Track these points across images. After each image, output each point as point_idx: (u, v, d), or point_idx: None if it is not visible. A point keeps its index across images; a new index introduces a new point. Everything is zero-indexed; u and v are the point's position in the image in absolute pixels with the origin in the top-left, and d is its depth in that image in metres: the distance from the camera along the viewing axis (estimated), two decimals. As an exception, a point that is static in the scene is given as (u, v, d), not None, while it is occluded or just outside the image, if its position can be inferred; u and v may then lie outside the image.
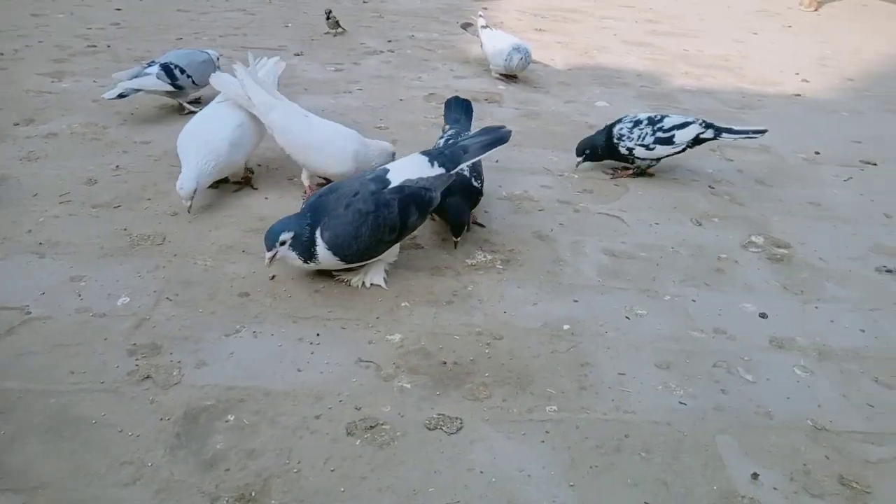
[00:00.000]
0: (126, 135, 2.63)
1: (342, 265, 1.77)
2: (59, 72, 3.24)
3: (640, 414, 1.45)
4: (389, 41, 4.31)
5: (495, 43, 3.64)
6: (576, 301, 1.83)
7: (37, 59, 3.39)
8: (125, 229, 1.99)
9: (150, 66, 2.73)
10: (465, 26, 4.06)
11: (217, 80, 2.28)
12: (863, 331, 1.80)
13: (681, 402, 1.49)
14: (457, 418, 1.41)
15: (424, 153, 1.93)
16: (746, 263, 2.08)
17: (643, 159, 2.58)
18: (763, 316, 1.82)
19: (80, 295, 1.70)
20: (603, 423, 1.42)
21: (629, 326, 1.74)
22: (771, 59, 4.64)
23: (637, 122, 2.55)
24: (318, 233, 1.68)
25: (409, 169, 1.85)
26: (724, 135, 2.55)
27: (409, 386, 1.48)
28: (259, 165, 2.48)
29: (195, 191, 2.00)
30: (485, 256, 2.02)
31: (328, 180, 2.21)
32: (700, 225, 2.30)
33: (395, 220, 1.74)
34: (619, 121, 2.60)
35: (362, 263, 1.80)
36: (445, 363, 1.56)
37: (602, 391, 1.51)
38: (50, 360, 1.48)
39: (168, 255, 1.89)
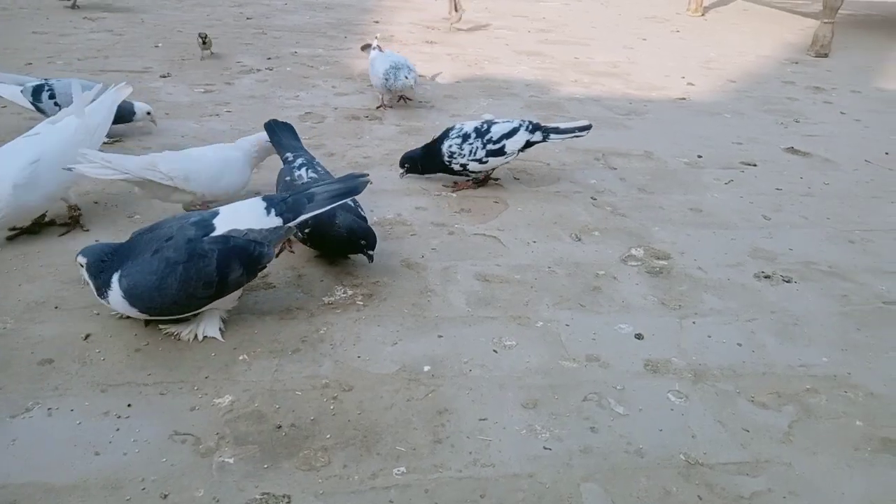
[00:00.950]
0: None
1: (145, 317, 1.53)
2: None
3: (499, 467, 1.29)
4: (269, 58, 4.07)
5: (376, 65, 3.28)
6: (440, 336, 1.66)
7: None
8: None
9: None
10: (365, 48, 3.87)
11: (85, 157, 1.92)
12: (739, 345, 1.72)
13: (545, 448, 1.34)
14: (284, 496, 1.20)
15: (265, 198, 1.70)
16: (625, 279, 1.98)
17: (478, 172, 2.47)
18: (639, 337, 1.71)
19: None
20: (456, 483, 1.25)
21: (496, 361, 1.59)
22: (658, 64, 4.70)
23: (465, 137, 2.41)
24: (114, 277, 1.45)
25: (242, 216, 1.62)
26: (552, 136, 2.48)
27: (231, 461, 1.26)
28: (96, 203, 2.20)
29: None
30: (345, 292, 1.82)
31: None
32: (579, 240, 2.19)
33: (212, 274, 1.51)
34: (446, 136, 2.45)
35: (180, 316, 1.56)
36: (280, 427, 1.35)
37: (459, 443, 1.34)
38: None
39: (-43, 319, 1.59)
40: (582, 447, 1.35)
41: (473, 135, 2.41)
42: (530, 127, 2.44)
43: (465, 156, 2.39)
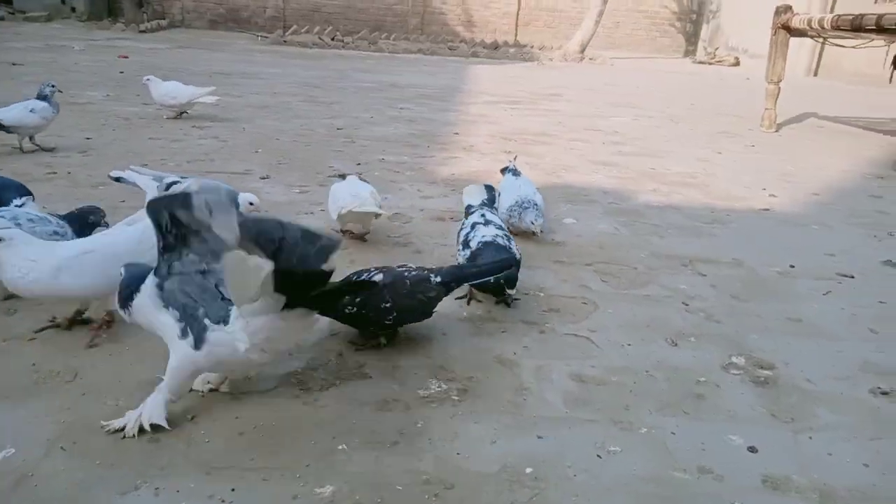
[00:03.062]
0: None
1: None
2: (9, 198, 3.13)
3: (614, 583, 1.20)
4: (358, 164, 4.33)
5: (504, 195, 3.01)
6: (540, 437, 1.61)
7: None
8: (34, 364, 1.77)
9: None
10: (503, 170, 3.44)
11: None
12: (866, 465, 1.58)
13: (664, 565, 1.24)
14: None
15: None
16: (728, 387, 1.89)
17: None
18: (752, 450, 1.61)
19: (-41, 445, 1.45)
20: None
21: (601, 467, 1.51)
22: (736, 176, 4.71)
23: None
24: None
25: None
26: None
27: (334, 554, 1.22)
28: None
29: None
30: (440, 386, 1.81)
31: None
32: (675, 345, 2.13)
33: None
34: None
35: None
36: (382, 521, 1.31)
37: (569, 553, 1.26)
38: None
39: (75, 394, 1.66)
40: (704, 567, 1.24)
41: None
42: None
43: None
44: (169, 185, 2.79)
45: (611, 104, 8.18)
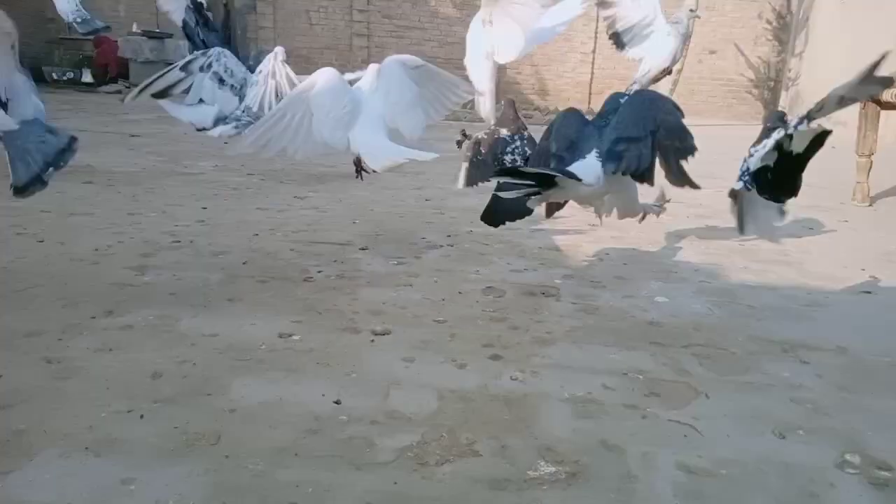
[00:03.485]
0: (196, 326, 2.74)
1: None
2: (143, 266, 3.49)
3: None
4: (448, 236, 4.53)
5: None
6: (652, 527, 1.65)
7: (127, 253, 3.69)
8: (178, 427, 1.97)
9: None
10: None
11: None
12: None
13: None
14: None
15: None
16: (844, 488, 1.86)
17: None
18: (875, 556, 1.58)
19: (127, 500, 1.64)
20: None
21: (717, 563, 1.53)
22: (831, 253, 4.60)
23: None
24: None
25: None
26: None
27: None
28: (319, 363, 2.50)
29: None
30: (548, 468, 1.88)
31: None
32: (784, 438, 2.11)
33: None
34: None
35: None
36: None
37: None
38: (85, 578, 1.39)
39: (220, 456, 1.84)
40: None
41: None
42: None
43: None
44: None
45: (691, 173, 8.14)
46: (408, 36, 18.63)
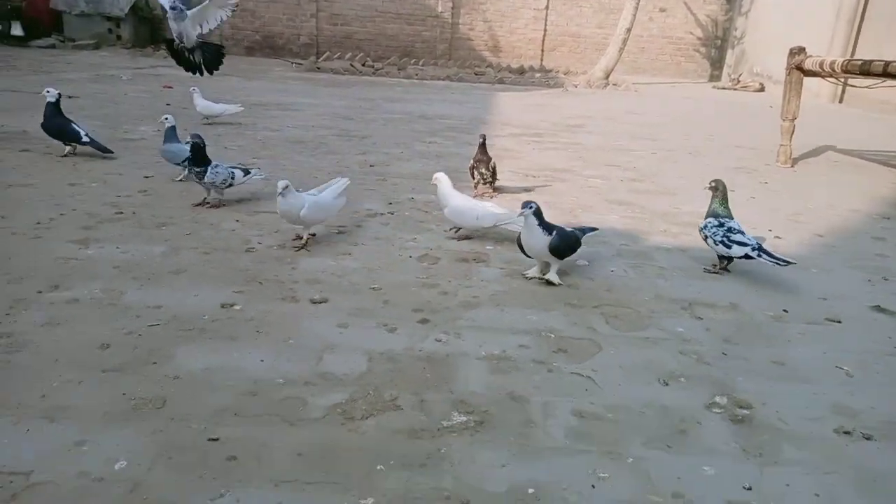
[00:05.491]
0: (140, 299, 2.89)
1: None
2: (86, 238, 3.58)
3: (595, 583, 1.52)
4: (390, 203, 4.72)
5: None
6: (542, 464, 1.95)
7: (69, 226, 3.77)
8: (126, 393, 2.17)
9: None
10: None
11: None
12: (817, 495, 1.88)
13: (635, 571, 1.56)
14: (419, 587, 1.48)
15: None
16: (708, 425, 2.20)
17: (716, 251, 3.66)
18: (720, 479, 1.92)
19: (81, 459, 1.84)
20: (559, 593, 1.49)
21: (591, 490, 1.84)
22: (746, 216, 4.96)
23: (719, 224, 3.63)
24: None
25: None
26: (763, 257, 3.42)
27: (376, 553, 1.58)
28: (258, 331, 2.70)
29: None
30: (460, 418, 2.16)
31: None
32: (667, 385, 2.45)
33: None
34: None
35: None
36: (413, 529, 1.66)
37: (560, 559, 1.59)
38: (46, 525, 1.60)
39: (165, 418, 2.05)
40: (668, 574, 1.56)
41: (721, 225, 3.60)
42: (756, 246, 3.47)
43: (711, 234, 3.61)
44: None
45: (631, 136, 8.50)
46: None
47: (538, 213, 3.30)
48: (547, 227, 3.31)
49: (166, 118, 5.00)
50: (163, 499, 1.71)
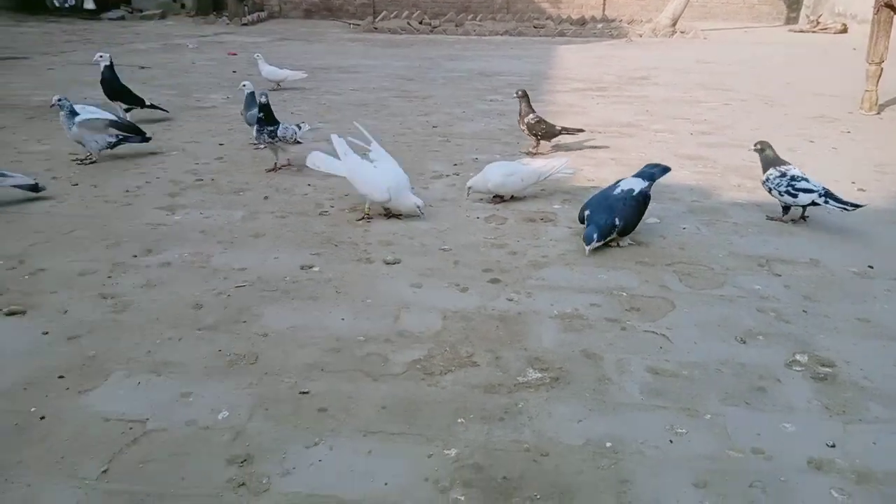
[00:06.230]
0: (226, 262, 3.06)
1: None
2: (172, 205, 3.79)
3: (675, 532, 1.57)
4: (455, 164, 4.74)
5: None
6: (619, 419, 1.99)
7: (155, 193, 3.99)
8: (222, 350, 2.33)
9: None
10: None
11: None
12: (905, 454, 1.85)
13: (715, 522, 1.60)
14: (504, 531, 1.57)
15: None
16: (789, 382, 2.18)
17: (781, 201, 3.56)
18: (802, 436, 1.91)
19: (188, 409, 2.01)
20: (639, 540, 1.55)
21: (669, 445, 1.87)
22: (827, 168, 4.74)
23: (782, 175, 3.53)
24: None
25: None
26: (831, 203, 3.38)
27: (462, 498, 1.67)
28: (338, 292, 2.82)
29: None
30: (535, 374, 2.22)
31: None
32: (744, 343, 2.42)
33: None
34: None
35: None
36: (496, 478, 1.74)
37: (640, 509, 1.64)
38: (165, 467, 1.78)
39: (259, 373, 2.20)
40: (748, 526, 1.59)
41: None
42: (823, 192, 3.41)
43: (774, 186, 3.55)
44: None
45: (701, 86, 8.14)
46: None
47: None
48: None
49: (244, 84, 5.13)
50: (263, 446, 1.86)
